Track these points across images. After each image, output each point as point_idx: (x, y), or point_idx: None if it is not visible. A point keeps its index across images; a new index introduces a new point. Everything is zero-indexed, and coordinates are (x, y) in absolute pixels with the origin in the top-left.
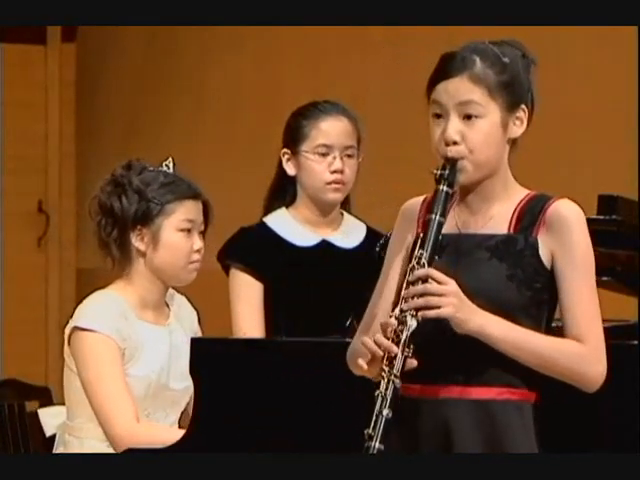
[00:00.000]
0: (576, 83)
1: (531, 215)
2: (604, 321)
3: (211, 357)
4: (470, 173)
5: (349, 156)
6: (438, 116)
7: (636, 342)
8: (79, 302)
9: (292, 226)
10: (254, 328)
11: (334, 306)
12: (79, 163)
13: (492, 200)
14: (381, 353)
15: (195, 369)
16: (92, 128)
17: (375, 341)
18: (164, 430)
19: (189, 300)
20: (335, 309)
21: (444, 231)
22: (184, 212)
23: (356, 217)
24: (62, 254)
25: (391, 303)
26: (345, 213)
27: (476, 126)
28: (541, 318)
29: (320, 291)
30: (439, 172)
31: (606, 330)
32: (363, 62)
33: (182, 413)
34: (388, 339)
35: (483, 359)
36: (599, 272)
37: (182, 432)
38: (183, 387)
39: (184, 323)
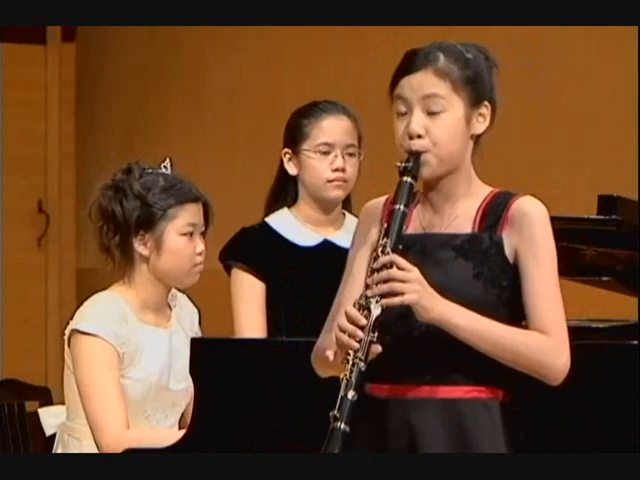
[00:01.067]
0: (576, 83)
1: (495, 213)
2: (604, 321)
3: (211, 357)
4: (433, 167)
5: (350, 154)
6: (402, 111)
7: (636, 342)
8: (80, 304)
9: (294, 226)
10: (256, 328)
11: None
12: (79, 163)
13: (455, 199)
14: (346, 338)
15: (195, 369)
16: (92, 128)
17: (339, 326)
18: (155, 433)
19: (190, 299)
20: None
21: (409, 232)
22: (186, 216)
23: (358, 217)
24: (62, 254)
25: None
26: (347, 213)
27: (440, 120)
28: (508, 315)
29: (322, 291)
30: (403, 165)
31: (606, 330)
32: (363, 62)
33: (182, 414)
34: (353, 324)
35: (451, 358)
36: (599, 272)
37: (171, 432)
38: (183, 388)
39: (184, 323)
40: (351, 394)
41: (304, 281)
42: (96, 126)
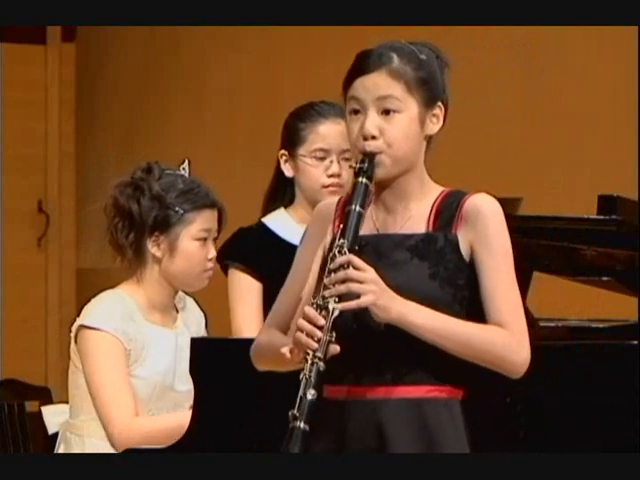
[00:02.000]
0: (576, 83)
1: (449, 212)
2: (604, 321)
3: (211, 357)
4: (388, 168)
5: (346, 159)
6: (356, 112)
7: (636, 342)
8: (86, 301)
9: (290, 226)
10: (253, 328)
11: None
12: (79, 163)
13: (408, 198)
14: (304, 338)
15: (195, 369)
16: (92, 128)
17: (298, 326)
18: (162, 421)
19: (197, 303)
20: None
21: (363, 233)
22: (202, 222)
23: None
24: (62, 254)
25: (299, 298)
26: None
27: (394, 121)
28: (466, 314)
29: None
30: (358, 166)
31: (606, 330)
32: None
33: None
34: (311, 324)
35: (410, 358)
36: (599, 272)
37: (179, 415)
38: (187, 389)
39: (191, 326)
40: (311, 393)
41: None
42: (96, 126)
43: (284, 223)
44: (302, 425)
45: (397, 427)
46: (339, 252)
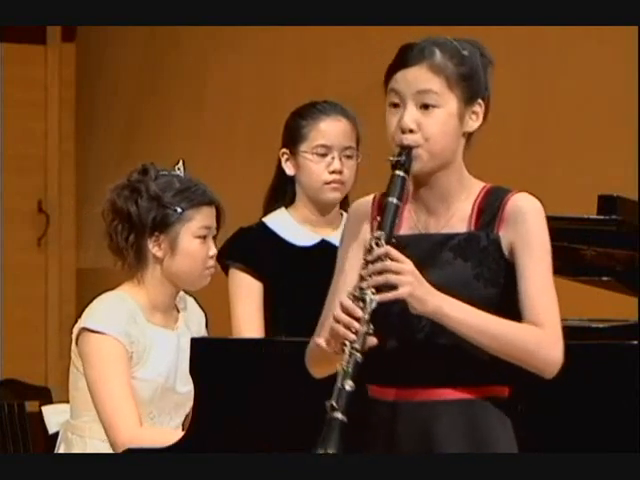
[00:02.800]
0: (576, 83)
1: (491, 210)
2: (604, 321)
3: (211, 357)
4: (425, 162)
5: (348, 157)
6: (395, 105)
7: (636, 342)
8: (85, 303)
9: (291, 226)
10: (254, 328)
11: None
12: (79, 162)
13: (449, 197)
14: (342, 329)
15: (195, 369)
16: (92, 127)
17: (335, 317)
18: (167, 433)
19: (198, 302)
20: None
21: (405, 232)
22: (201, 219)
23: None
24: (62, 254)
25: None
26: (344, 213)
27: (433, 115)
28: (508, 312)
29: (319, 291)
30: (395, 159)
31: (606, 330)
32: (363, 62)
33: (185, 416)
34: (348, 315)
35: (457, 359)
36: (599, 272)
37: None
38: (188, 390)
39: (192, 326)
40: (349, 384)
41: (301, 281)
42: (96, 126)
43: (285, 223)
44: (340, 416)
45: (445, 429)
46: (376, 244)
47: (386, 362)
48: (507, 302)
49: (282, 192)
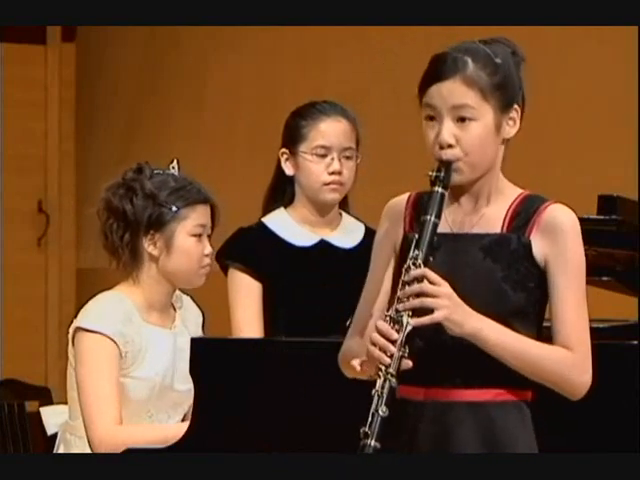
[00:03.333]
0: (576, 83)
1: (525, 215)
2: (604, 321)
3: (211, 357)
4: (466, 174)
5: (347, 157)
6: (431, 118)
7: (636, 342)
8: (84, 303)
9: (291, 226)
10: (253, 328)
11: (333, 306)
12: (79, 163)
13: (484, 199)
14: (377, 352)
15: (195, 369)
16: (92, 128)
17: (371, 340)
18: (146, 430)
19: (195, 301)
20: (334, 309)
21: (437, 231)
22: (196, 217)
23: (355, 217)
24: (62, 254)
25: (381, 302)
26: (344, 213)
27: (470, 129)
28: (534, 317)
29: (319, 291)
30: (434, 174)
31: (606, 330)
32: (363, 62)
33: (184, 415)
34: (384, 339)
35: (480, 361)
36: (599, 272)
37: (164, 427)
38: (187, 389)
39: (189, 325)
40: (382, 410)
41: (301, 281)
42: (96, 126)
43: (284, 223)
44: (373, 443)
45: (465, 430)
46: (413, 264)
47: (413, 362)
48: (537, 307)
49: (281, 192)
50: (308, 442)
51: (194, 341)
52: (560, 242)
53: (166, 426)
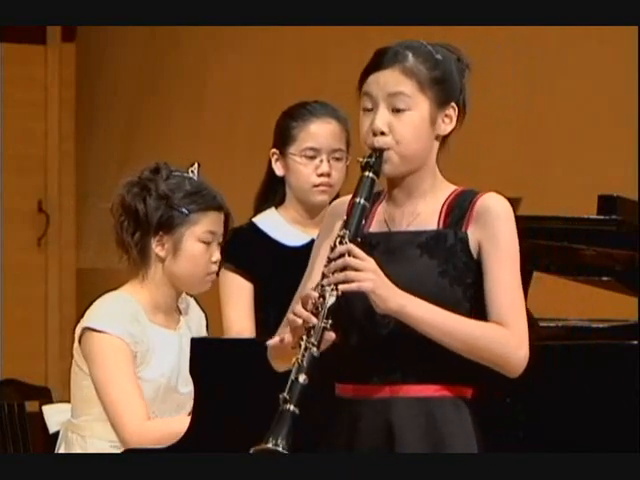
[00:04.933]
0: (576, 83)
1: (459, 210)
2: (604, 321)
3: (211, 357)
4: (396, 164)
5: (337, 159)
6: (368, 108)
7: (636, 342)
8: (85, 303)
9: (281, 226)
10: (244, 328)
11: None
12: (79, 162)
13: (419, 197)
14: (299, 322)
15: (195, 369)
16: (92, 127)
17: (294, 312)
18: (174, 422)
19: (198, 302)
20: None
21: (374, 230)
22: (207, 224)
23: None
24: (62, 254)
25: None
26: None
27: (404, 118)
28: (473, 312)
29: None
30: (365, 160)
31: (606, 330)
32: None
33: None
34: (307, 311)
35: (418, 357)
36: (599, 272)
37: (186, 418)
38: (190, 391)
39: (192, 326)
40: (302, 377)
41: (292, 281)
42: (96, 126)
43: (275, 223)
44: (292, 408)
45: (405, 426)
46: (340, 242)
47: (349, 359)
48: (473, 301)
49: (273, 192)
50: (308, 442)
51: (194, 341)
52: (490, 226)
53: (184, 418)
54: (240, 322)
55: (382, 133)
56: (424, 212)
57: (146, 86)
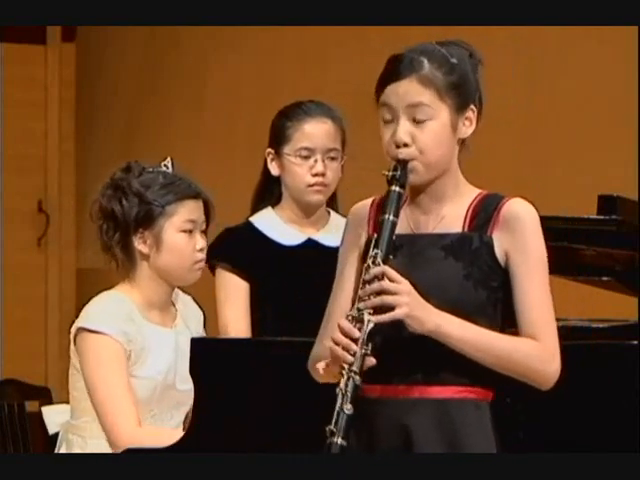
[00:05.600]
0: (576, 83)
1: (485, 214)
2: (604, 321)
3: (211, 357)
4: (421, 174)
5: (332, 158)
6: (388, 119)
7: (636, 342)
8: (85, 303)
9: (278, 225)
10: (241, 328)
11: (320, 305)
12: (79, 162)
13: (443, 200)
14: (340, 351)
15: (195, 369)
16: (92, 127)
17: (333, 339)
18: (166, 433)
19: (195, 300)
20: (321, 308)
21: (398, 232)
22: (185, 213)
23: (343, 215)
24: (62, 254)
25: (348, 305)
26: (332, 212)
27: (426, 128)
28: (497, 317)
29: (306, 290)
30: (391, 173)
31: (606, 330)
32: (363, 62)
33: (185, 415)
34: (346, 337)
35: (441, 359)
36: (599, 272)
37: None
38: (189, 388)
39: (190, 324)
40: (347, 407)
41: (288, 280)
42: (96, 126)
43: (271, 222)
44: (340, 441)
45: (424, 427)
46: (373, 263)
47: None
48: (498, 305)
49: (269, 192)
50: (308, 442)
51: (194, 341)
52: (519, 235)
53: (181, 432)
54: (236, 322)
55: (405, 144)
56: (449, 215)
57: (146, 86)
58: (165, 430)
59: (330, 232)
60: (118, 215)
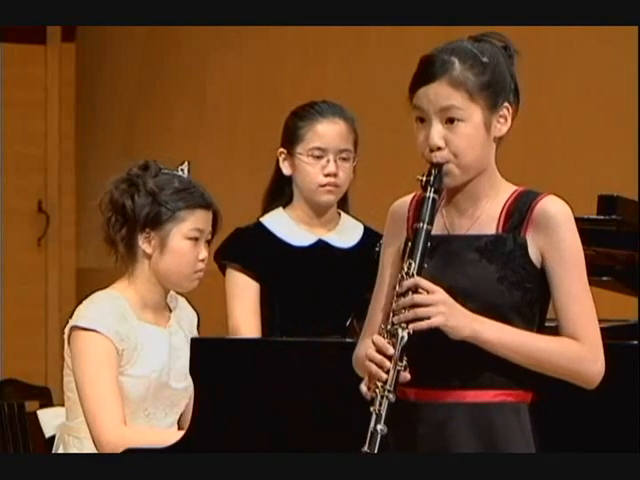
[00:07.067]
0: (576, 83)
1: (519, 214)
2: (604, 321)
3: (211, 357)
4: (456, 176)
5: (344, 159)
6: (421, 120)
7: (636, 342)
8: (80, 302)
9: (289, 226)
10: (250, 328)
11: (331, 305)
12: (79, 162)
13: (480, 199)
14: (375, 368)
15: (195, 369)
16: (92, 127)
17: (368, 357)
18: (152, 433)
19: (189, 302)
20: (331, 308)
21: (434, 232)
22: (194, 221)
23: (354, 217)
24: (62, 254)
25: (388, 306)
26: (342, 213)
27: (459, 130)
28: (534, 317)
29: (317, 291)
30: (425, 179)
31: (606, 330)
32: (363, 62)
33: (181, 414)
34: (380, 354)
35: (478, 362)
36: (599, 272)
37: (172, 433)
38: (182, 387)
39: (184, 325)
40: (380, 427)
41: (298, 281)
42: (96, 126)
43: (282, 223)
44: None
45: (462, 431)
46: (407, 274)
47: (410, 362)
48: (535, 306)
49: (280, 192)
50: (308, 442)
51: (194, 341)
52: (553, 234)
53: (172, 431)
54: (246, 321)
55: (439, 148)
56: (484, 216)
57: (146, 86)
58: (152, 429)
59: (340, 233)
60: (128, 210)
